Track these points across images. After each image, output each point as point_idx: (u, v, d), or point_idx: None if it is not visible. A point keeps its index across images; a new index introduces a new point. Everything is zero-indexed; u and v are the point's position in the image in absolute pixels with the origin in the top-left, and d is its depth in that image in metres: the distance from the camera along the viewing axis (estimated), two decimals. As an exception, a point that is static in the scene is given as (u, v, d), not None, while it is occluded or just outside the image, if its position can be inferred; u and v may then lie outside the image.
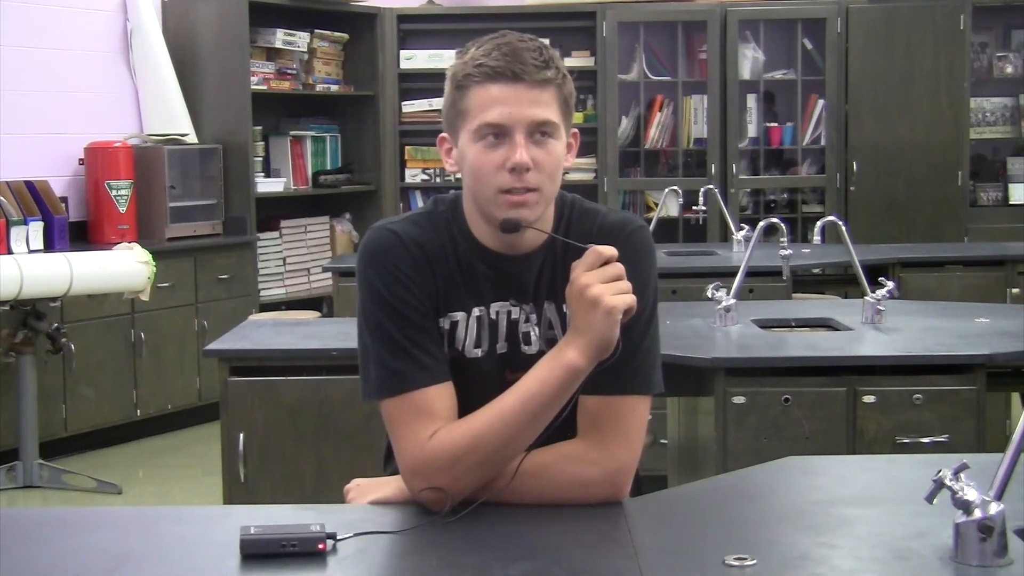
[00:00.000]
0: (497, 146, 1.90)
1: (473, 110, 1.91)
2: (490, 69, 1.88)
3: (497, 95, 1.88)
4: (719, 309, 3.79)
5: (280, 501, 3.37)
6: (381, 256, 1.95)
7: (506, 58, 1.88)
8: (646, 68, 7.81)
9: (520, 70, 1.88)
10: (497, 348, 1.99)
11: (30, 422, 5.43)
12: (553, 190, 1.95)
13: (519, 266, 1.99)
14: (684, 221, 7.70)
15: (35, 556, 1.75)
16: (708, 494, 2.02)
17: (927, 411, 3.29)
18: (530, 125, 1.89)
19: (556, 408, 1.87)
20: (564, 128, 1.94)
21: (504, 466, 1.88)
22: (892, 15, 7.64)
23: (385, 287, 1.93)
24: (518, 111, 1.88)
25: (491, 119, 1.88)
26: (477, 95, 1.90)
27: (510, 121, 1.88)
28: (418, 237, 1.97)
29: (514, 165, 1.88)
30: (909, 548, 1.70)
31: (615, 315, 1.81)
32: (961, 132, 7.65)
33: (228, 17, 6.89)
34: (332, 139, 7.83)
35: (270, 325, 4.13)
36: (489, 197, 1.92)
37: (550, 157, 1.91)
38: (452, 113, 1.96)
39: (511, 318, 1.99)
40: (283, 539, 1.70)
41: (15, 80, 6.17)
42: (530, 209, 1.91)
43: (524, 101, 1.88)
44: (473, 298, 1.99)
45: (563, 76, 1.93)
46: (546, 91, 1.90)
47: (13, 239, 5.80)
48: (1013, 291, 5.59)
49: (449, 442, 1.86)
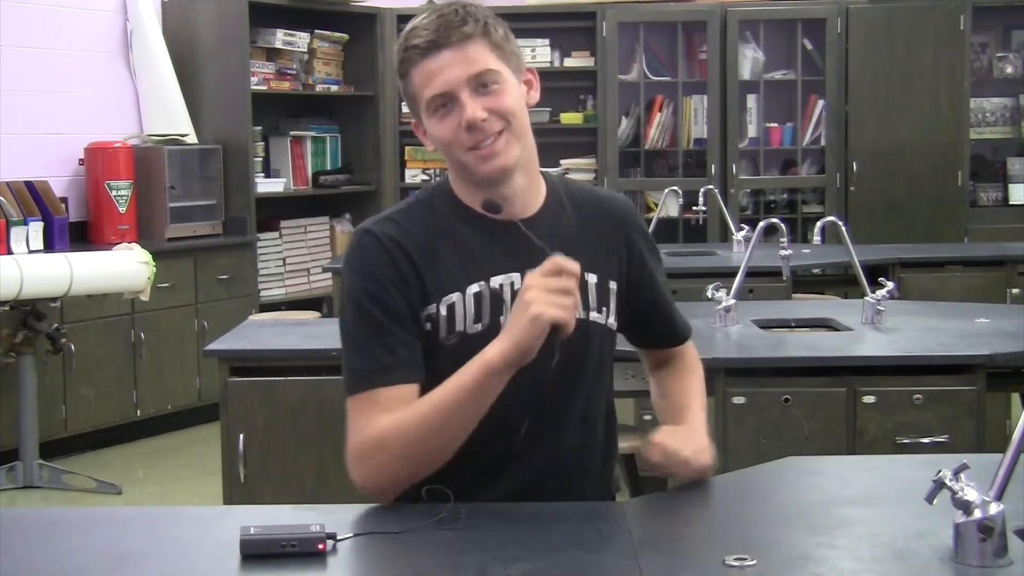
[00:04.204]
0: (449, 112, 1.96)
1: (418, 90, 1.98)
2: (416, 48, 1.97)
3: (432, 68, 1.95)
4: (719, 309, 3.79)
5: (280, 501, 3.36)
6: (355, 259, 2.01)
7: (426, 31, 1.96)
8: (646, 68, 7.82)
9: (442, 37, 1.95)
10: (501, 321, 1.97)
11: (30, 422, 5.43)
12: (520, 126, 2.00)
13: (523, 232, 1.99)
14: (684, 221, 7.70)
15: (35, 556, 1.75)
16: (708, 494, 2.02)
17: (927, 411, 3.29)
18: (468, 81, 1.95)
19: (476, 407, 1.88)
20: (508, 69, 1.99)
21: (428, 461, 1.90)
22: (892, 15, 7.64)
23: (356, 289, 1.98)
24: (452, 74, 1.94)
25: (433, 91, 1.95)
26: (417, 75, 1.97)
27: (449, 87, 1.94)
28: (396, 234, 1.99)
29: (467, 123, 1.94)
30: (909, 548, 1.70)
31: (540, 323, 1.81)
32: (961, 132, 7.65)
33: (228, 17, 6.89)
34: (332, 139, 7.83)
35: (270, 325, 4.13)
36: (462, 160, 1.98)
37: (500, 99, 1.96)
38: (408, 100, 2.04)
39: (515, 288, 1.99)
40: (283, 539, 1.70)
41: (15, 80, 6.17)
42: (504, 155, 1.97)
43: (455, 63, 1.94)
44: (474, 274, 1.99)
45: (484, 24, 1.98)
46: (472, 45, 1.96)
47: (13, 239, 5.80)
48: (1013, 291, 5.59)
49: (371, 434, 1.91)
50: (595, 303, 2.08)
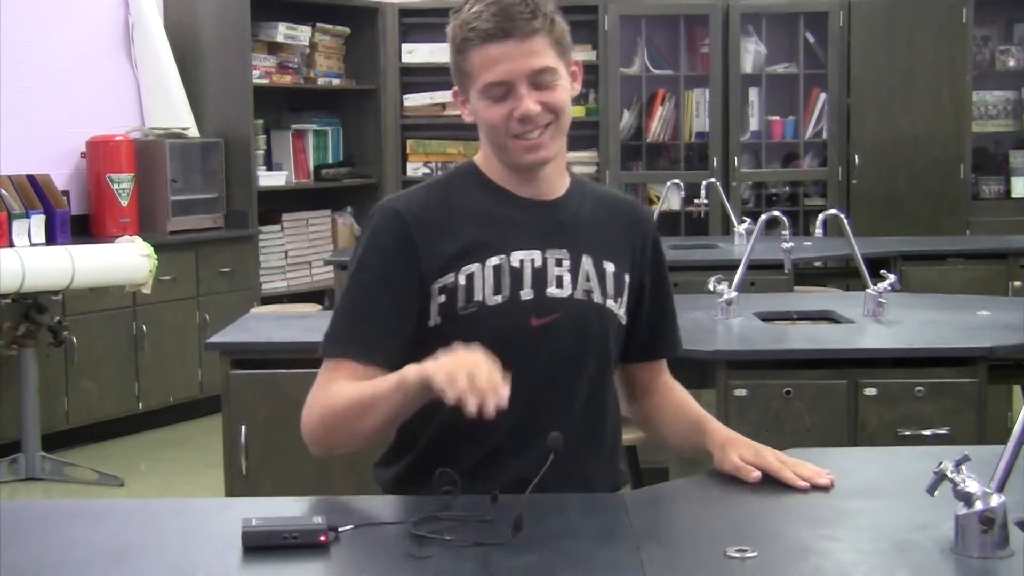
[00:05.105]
0: (503, 99, 2.00)
1: (475, 71, 2.01)
2: (483, 32, 1.99)
3: (494, 55, 1.99)
4: (721, 302, 3.79)
5: (282, 493, 3.35)
6: (370, 232, 2.06)
7: (495, 18, 1.98)
8: (648, 62, 7.81)
9: (510, 27, 1.98)
10: (521, 295, 2.03)
11: (32, 415, 5.43)
12: (565, 121, 2.05)
13: (548, 212, 2.08)
14: (686, 214, 7.69)
15: (37, 548, 1.75)
16: (709, 486, 2.02)
17: (928, 403, 3.29)
18: (529, 75, 2.00)
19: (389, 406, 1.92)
20: (563, 65, 2.05)
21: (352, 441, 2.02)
22: (894, 8, 7.63)
23: (361, 259, 2.05)
24: (515, 67, 1.98)
25: (492, 78, 2.00)
26: (476, 57, 2.00)
27: (510, 77, 1.99)
28: (415, 206, 2.05)
29: (521, 116, 2.00)
30: (910, 540, 1.70)
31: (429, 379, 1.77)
32: (963, 125, 7.64)
33: (229, 11, 6.88)
34: (334, 133, 7.83)
35: (272, 318, 4.14)
36: (505, 145, 2.03)
37: (554, 95, 2.02)
38: (458, 73, 2.07)
39: (535, 266, 2.04)
40: (285, 531, 1.70)
41: (17, 74, 6.17)
42: (546, 148, 2.04)
43: (519, 55, 1.98)
44: (495, 247, 2.03)
45: (551, 20, 2.03)
46: (538, 39, 2.00)
47: (15, 232, 5.81)
48: (1015, 284, 5.58)
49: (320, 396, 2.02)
50: (612, 291, 2.10)
